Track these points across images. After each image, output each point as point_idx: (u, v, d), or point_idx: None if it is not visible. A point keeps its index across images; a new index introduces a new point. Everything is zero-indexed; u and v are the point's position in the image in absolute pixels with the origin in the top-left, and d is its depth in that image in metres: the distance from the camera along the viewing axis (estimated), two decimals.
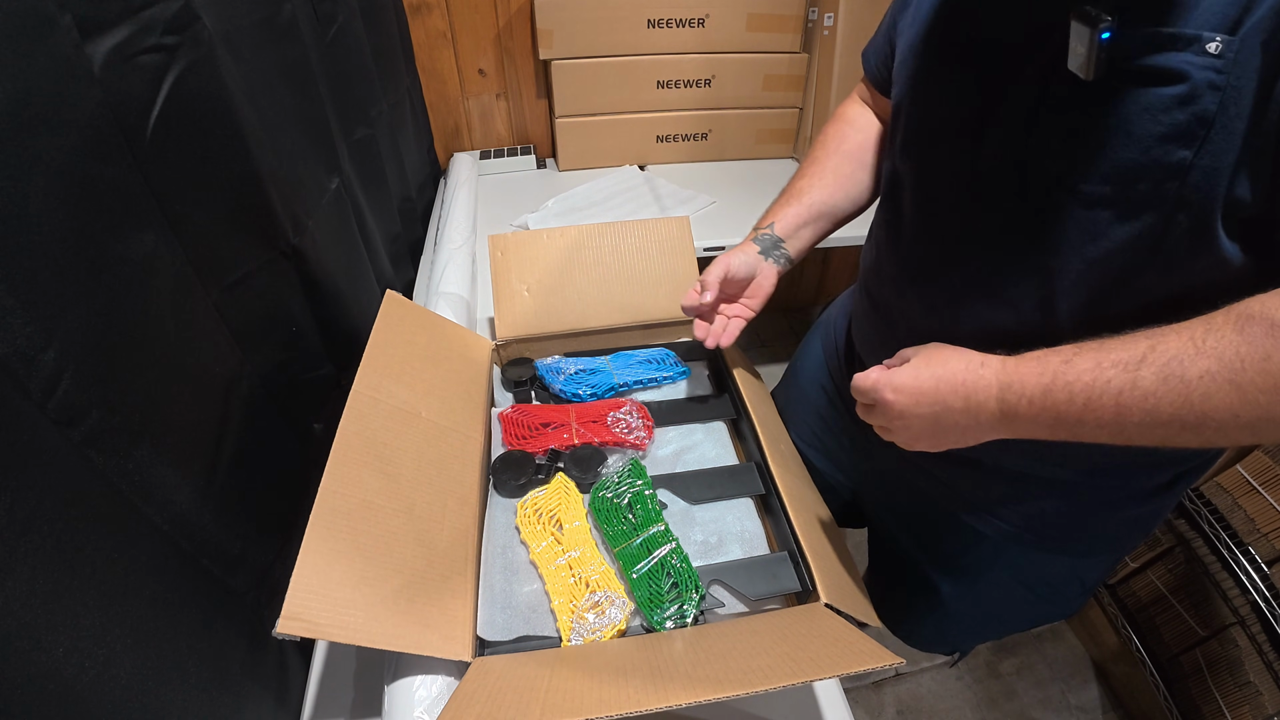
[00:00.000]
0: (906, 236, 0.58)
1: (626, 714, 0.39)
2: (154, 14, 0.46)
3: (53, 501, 0.34)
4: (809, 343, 0.87)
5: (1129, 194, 0.41)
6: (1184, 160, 0.38)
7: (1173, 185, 0.39)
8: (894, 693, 1.31)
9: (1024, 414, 0.42)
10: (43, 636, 0.33)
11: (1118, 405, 0.38)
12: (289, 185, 0.67)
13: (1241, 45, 0.36)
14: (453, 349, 0.71)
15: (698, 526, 0.61)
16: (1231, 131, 0.37)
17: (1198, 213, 0.39)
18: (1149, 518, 0.62)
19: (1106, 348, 0.40)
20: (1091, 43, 0.38)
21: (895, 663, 0.42)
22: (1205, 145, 0.38)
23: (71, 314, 0.37)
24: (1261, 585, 1.02)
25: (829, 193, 0.69)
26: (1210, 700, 1.10)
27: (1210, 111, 0.37)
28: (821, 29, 1.40)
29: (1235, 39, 0.36)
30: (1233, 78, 0.36)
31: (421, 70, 1.42)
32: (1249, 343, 0.34)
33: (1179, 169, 0.39)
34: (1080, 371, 0.40)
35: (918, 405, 0.47)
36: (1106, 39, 0.38)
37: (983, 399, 0.44)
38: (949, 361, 0.46)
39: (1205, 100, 0.37)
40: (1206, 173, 0.38)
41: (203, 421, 0.51)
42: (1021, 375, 0.42)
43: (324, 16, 0.84)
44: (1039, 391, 0.41)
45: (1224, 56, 0.36)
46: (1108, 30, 0.38)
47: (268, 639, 0.56)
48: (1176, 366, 0.36)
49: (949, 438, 0.47)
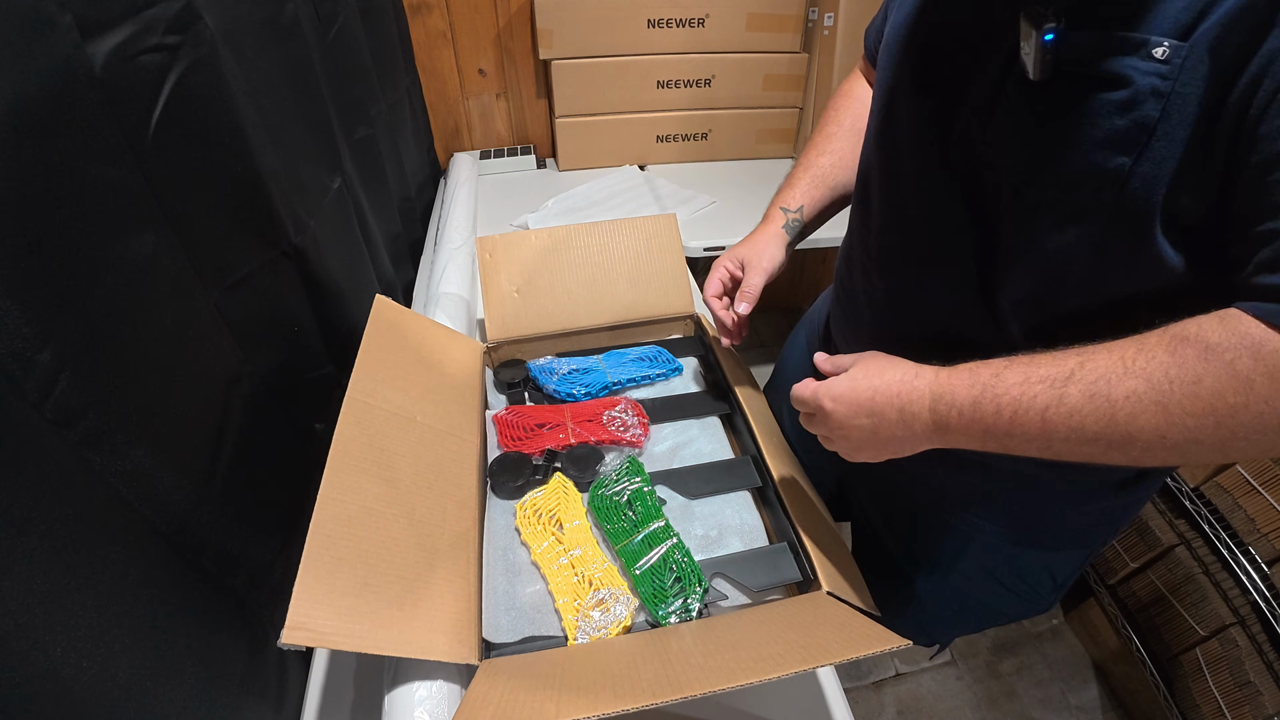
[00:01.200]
0: (874, 226, 0.58)
1: (643, 707, 0.39)
2: (155, 14, 0.46)
3: (50, 502, 0.34)
4: (794, 337, 0.88)
5: (1070, 198, 0.41)
6: (1123, 166, 0.38)
7: (1111, 191, 0.39)
8: (894, 693, 1.31)
9: (955, 425, 0.43)
10: (40, 637, 0.32)
11: (1043, 420, 0.38)
12: (290, 185, 0.67)
13: (1190, 51, 0.35)
14: (444, 352, 0.71)
15: (697, 521, 0.61)
16: (1173, 139, 0.37)
17: (1136, 220, 0.39)
18: (1119, 512, 0.62)
19: (1036, 363, 0.39)
20: (1035, 43, 0.38)
21: (902, 644, 0.43)
22: (1145, 152, 0.37)
23: (70, 314, 0.37)
24: (1261, 585, 1.02)
25: (848, 174, 0.69)
26: (1210, 700, 1.10)
27: (1152, 118, 0.37)
28: (821, 29, 1.40)
29: (1185, 45, 0.35)
30: (1179, 84, 0.36)
31: (421, 70, 1.42)
32: (1180, 365, 0.34)
33: (1118, 175, 0.38)
34: (1009, 385, 0.40)
35: (855, 416, 0.47)
36: (1050, 40, 0.38)
37: (916, 410, 0.44)
38: (885, 372, 0.47)
39: (1147, 106, 0.37)
40: (1146, 180, 0.38)
41: (202, 421, 0.51)
42: (953, 387, 0.42)
43: (325, 16, 0.84)
44: (968, 403, 0.41)
45: (1170, 62, 0.35)
46: (1051, 31, 0.38)
47: (267, 639, 0.56)
48: (1103, 385, 0.36)
49: (888, 448, 0.48)
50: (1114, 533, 0.66)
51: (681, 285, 0.84)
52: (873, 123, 0.58)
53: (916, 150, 0.52)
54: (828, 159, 0.70)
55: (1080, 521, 0.62)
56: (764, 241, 0.69)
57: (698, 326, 0.85)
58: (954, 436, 0.43)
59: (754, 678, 0.40)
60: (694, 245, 1.25)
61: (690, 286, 0.85)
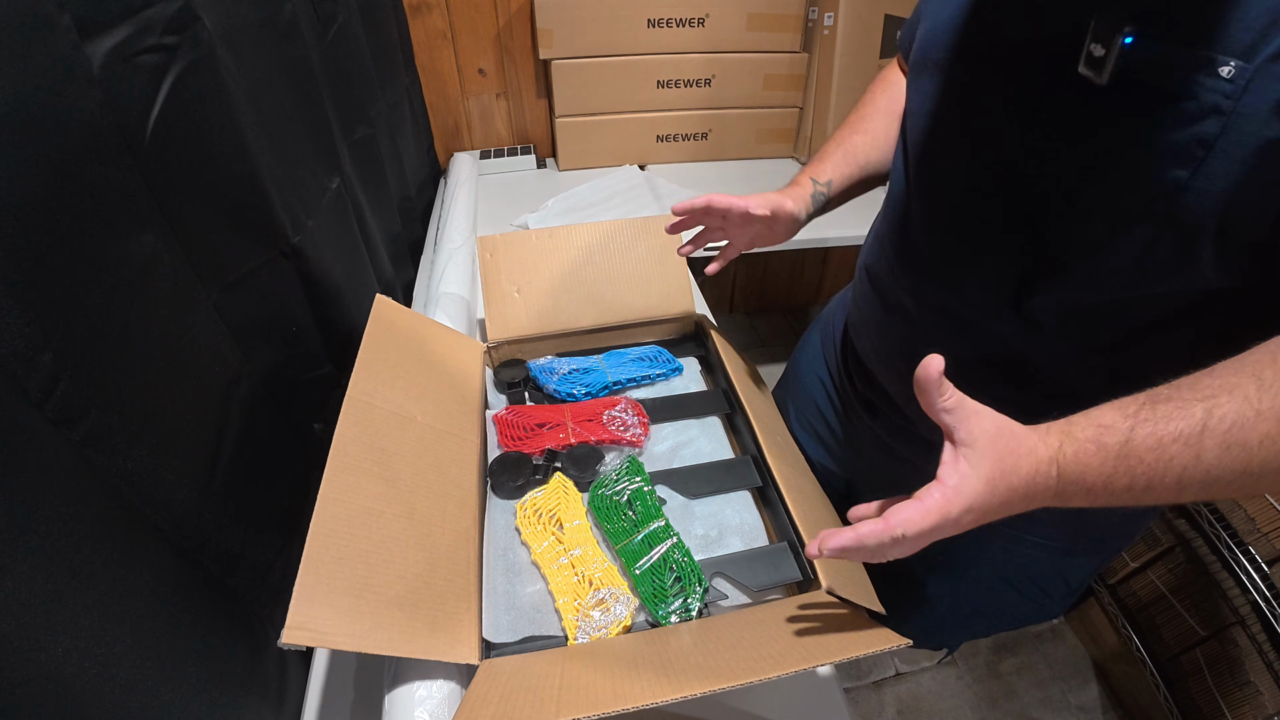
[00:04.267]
0: (914, 226, 0.58)
1: (644, 706, 0.39)
2: (154, 14, 0.46)
3: (51, 502, 0.34)
4: (809, 337, 0.88)
5: (1121, 206, 0.41)
6: (1179, 180, 0.38)
7: (1163, 203, 0.39)
8: (894, 693, 1.31)
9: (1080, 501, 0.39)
10: (41, 636, 0.33)
11: (1179, 482, 0.36)
12: (289, 185, 0.67)
13: (1256, 73, 0.35)
14: (444, 352, 0.71)
15: (697, 521, 0.61)
16: (1231, 158, 0.36)
17: (1188, 232, 0.39)
18: (1136, 519, 0.62)
19: (1162, 416, 0.36)
20: (1113, 46, 0.38)
21: (903, 644, 0.43)
22: (1202, 168, 0.37)
23: (70, 314, 0.37)
24: (1262, 585, 1.02)
25: (880, 154, 0.68)
26: (1210, 700, 1.10)
27: (1212, 135, 0.36)
28: (821, 28, 1.40)
29: (1250, 66, 0.35)
30: (1241, 104, 0.36)
31: (421, 70, 1.42)
32: None
33: (1173, 188, 0.38)
34: (1142, 454, 0.36)
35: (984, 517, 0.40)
36: (1129, 44, 0.37)
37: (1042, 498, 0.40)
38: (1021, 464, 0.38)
39: (1209, 124, 0.36)
40: (1201, 195, 0.38)
41: (202, 421, 0.51)
42: (1082, 465, 0.38)
43: (324, 16, 0.84)
44: (1100, 482, 0.37)
45: (1235, 82, 0.35)
46: (1131, 35, 0.37)
47: (267, 638, 0.56)
48: (1238, 434, 0.34)
49: None
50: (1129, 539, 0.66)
51: (682, 285, 0.84)
52: (914, 122, 0.57)
53: (961, 150, 0.51)
54: (860, 138, 0.70)
55: (1099, 528, 0.62)
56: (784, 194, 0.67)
57: (698, 327, 0.85)
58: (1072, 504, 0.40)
59: (754, 677, 0.40)
60: None
61: (691, 286, 0.85)
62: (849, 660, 0.42)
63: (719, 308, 2.18)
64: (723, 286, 2.14)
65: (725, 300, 2.18)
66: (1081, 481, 0.38)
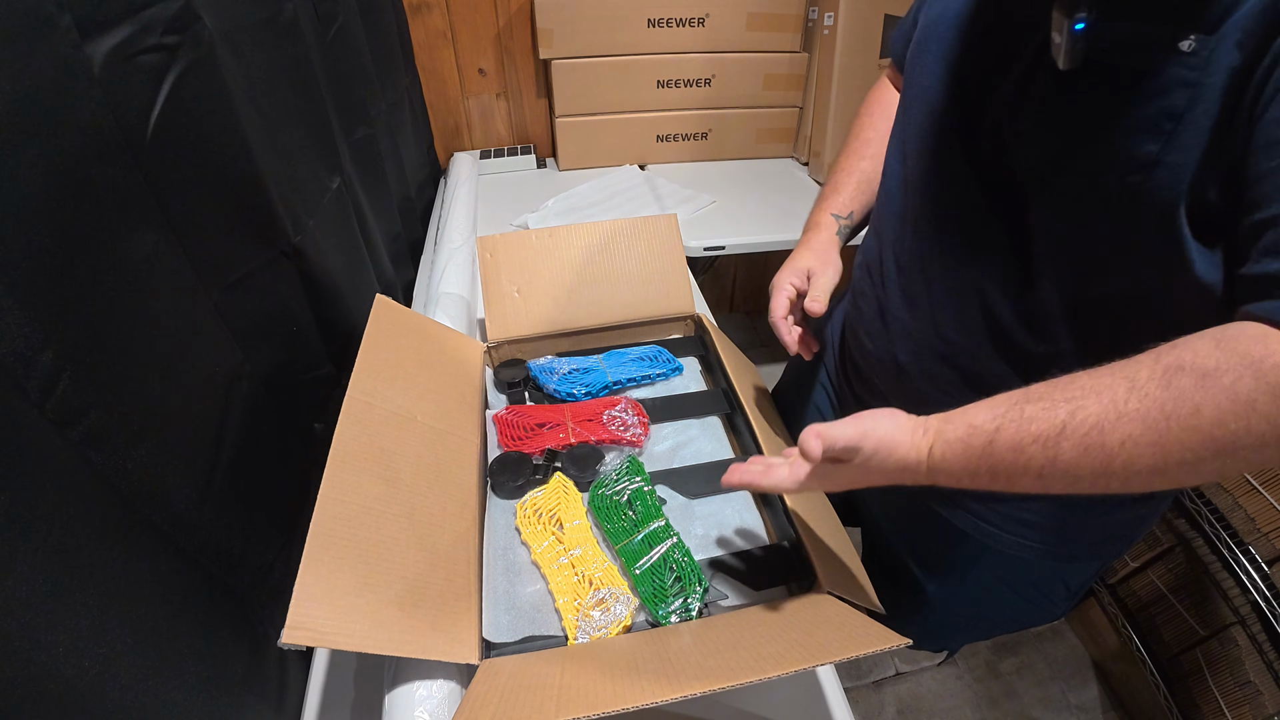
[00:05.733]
0: (908, 229, 0.58)
1: (642, 706, 0.39)
2: (154, 14, 0.46)
3: (52, 501, 0.34)
4: None
5: (1097, 186, 0.42)
6: (1151, 155, 0.39)
7: (1138, 178, 0.40)
8: (894, 692, 1.31)
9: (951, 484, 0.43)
10: (42, 636, 0.33)
11: (1040, 477, 0.38)
12: (290, 185, 0.67)
13: (1218, 44, 0.36)
14: (445, 352, 0.71)
15: (697, 520, 0.61)
16: (1199, 129, 0.37)
17: (1163, 208, 0.40)
18: (1134, 523, 0.62)
19: (1027, 418, 0.38)
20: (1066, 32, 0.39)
21: (903, 643, 0.43)
22: (1172, 141, 0.38)
23: (70, 314, 0.37)
24: (1262, 585, 1.02)
25: None
26: (1210, 700, 1.10)
27: (1179, 107, 0.37)
28: (821, 28, 1.40)
29: (1212, 38, 0.36)
30: (1205, 75, 0.36)
31: (421, 70, 1.42)
32: (1176, 398, 0.33)
33: (1145, 162, 0.39)
34: (1003, 453, 0.39)
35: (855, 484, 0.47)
36: (1080, 29, 0.39)
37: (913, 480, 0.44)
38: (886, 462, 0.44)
39: (1175, 96, 0.37)
40: (1172, 168, 0.38)
41: (203, 421, 0.51)
42: (949, 463, 0.42)
43: (324, 16, 0.84)
44: (965, 474, 0.41)
45: (1198, 54, 0.36)
46: (1082, 21, 0.38)
47: (267, 638, 0.56)
48: (1096, 436, 0.35)
49: None
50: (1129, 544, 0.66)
51: (682, 285, 0.84)
52: (902, 126, 0.58)
53: (948, 148, 0.52)
54: (869, 163, 0.71)
55: (1099, 533, 0.62)
56: (823, 248, 0.69)
57: (698, 326, 0.85)
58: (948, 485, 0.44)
59: (754, 677, 0.40)
60: (694, 245, 1.25)
61: (690, 286, 0.85)
62: (849, 660, 0.42)
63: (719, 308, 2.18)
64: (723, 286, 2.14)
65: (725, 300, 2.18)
66: (949, 474, 0.42)
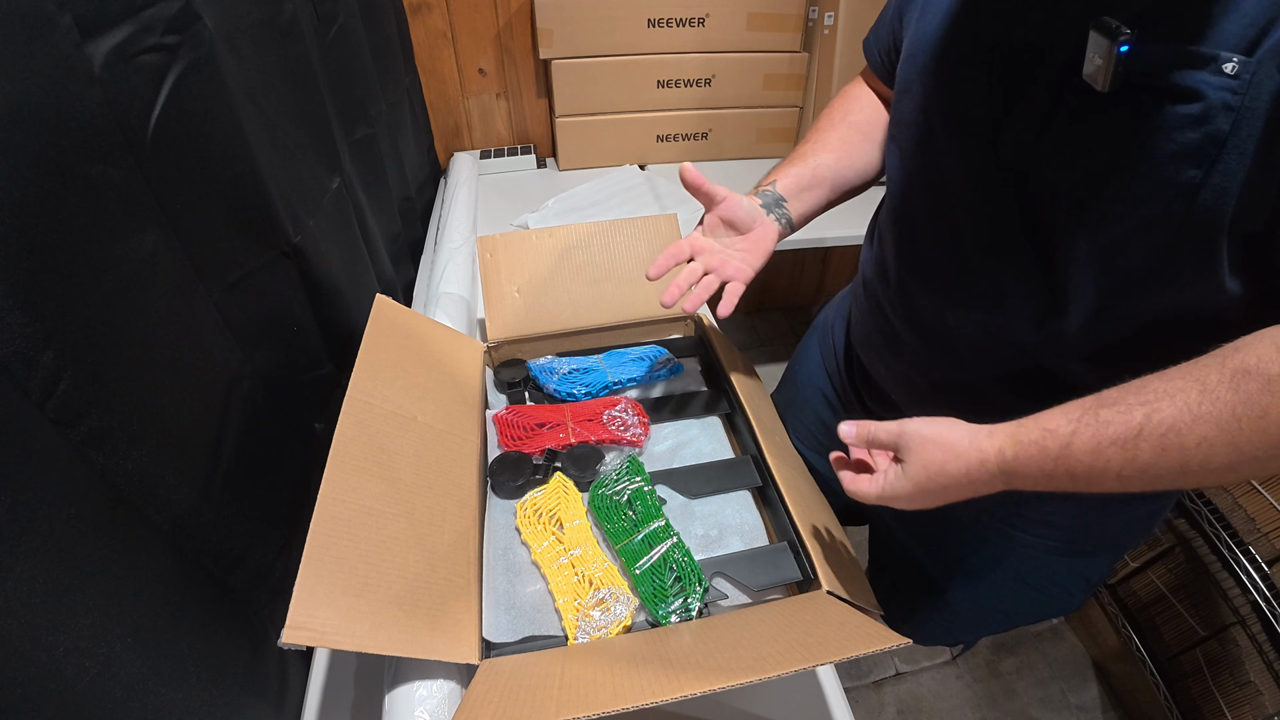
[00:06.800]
0: (916, 237, 0.57)
1: (643, 705, 0.39)
2: (154, 13, 0.46)
3: (52, 501, 0.34)
4: (806, 346, 0.87)
5: (1138, 211, 0.41)
6: (1194, 179, 0.38)
7: (1180, 204, 0.39)
8: (894, 692, 1.31)
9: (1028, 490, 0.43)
10: (43, 636, 0.33)
11: (1119, 478, 0.39)
12: (290, 184, 0.67)
13: (1258, 67, 0.35)
14: (444, 352, 0.71)
15: (697, 520, 0.61)
16: (1243, 153, 0.37)
17: (1205, 231, 0.39)
18: (1152, 515, 0.63)
19: (1103, 422, 0.39)
20: (1109, 54, 0.38)
21: (902, 643, 0.43)
22: (1216, 165, 0.37)
23: (71, 314, 0.37)
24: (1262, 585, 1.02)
25: (834, 158, 0.67)
26: (1210, 700, 1.10)
27: (1223, 132, 0.37)
28: (821, 28, 1.40)
29: (1252, 60, 0.35)
30: (1247, 99, 0.36)
31: (421, 70, 1.42)
32: (1245, 402, 0.34)
33: (1188, 188, 0.38)
34: (1080, 456, 0.39)
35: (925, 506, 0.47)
36: (1125, 52, 0.38)
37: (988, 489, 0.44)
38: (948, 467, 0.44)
39: (1219, 120, 0.37)
40: (1216, 192, 0.38)
41: (203, 421, 0.51)
42: (1023, 465, 0.42)
43: (324, 16, 0.84)
44: (1042, 477, 0.41)
45: (1240, 77, 0.36)
46: (1127, 43, 0.37)
47: (268, 638, 0.56)
48: (1174, 438, 0.36)
49: None
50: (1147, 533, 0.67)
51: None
52: (908, 135, 0.57)
53: (963, 160, 0.51)
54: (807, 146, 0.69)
55: (1119, 528, 0.63)
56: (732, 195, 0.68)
57: (698, 326, 0.85)
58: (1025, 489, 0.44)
59: (753, 677, 0.40)
60: None
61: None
62: (849, 660, 0.43)
63: None
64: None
65: None
66: (1026, 477, 0.42)
